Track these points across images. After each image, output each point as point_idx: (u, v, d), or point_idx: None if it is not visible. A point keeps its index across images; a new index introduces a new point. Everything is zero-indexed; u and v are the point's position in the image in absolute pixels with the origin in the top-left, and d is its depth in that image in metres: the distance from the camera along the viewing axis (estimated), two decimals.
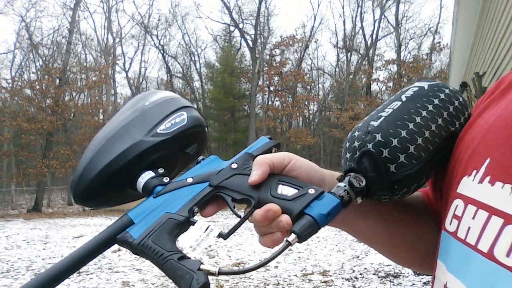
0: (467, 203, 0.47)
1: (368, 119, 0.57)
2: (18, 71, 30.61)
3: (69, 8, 26.88)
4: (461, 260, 0.45)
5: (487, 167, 0.45)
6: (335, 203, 0.51)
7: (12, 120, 20.14)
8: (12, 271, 7.18)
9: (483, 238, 0.42)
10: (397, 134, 0.53)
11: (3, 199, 23.54)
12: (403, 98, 0.58)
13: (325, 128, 32.35)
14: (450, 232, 0.49)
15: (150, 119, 0.59)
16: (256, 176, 0.54)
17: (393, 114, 0.55)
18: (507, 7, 3.67)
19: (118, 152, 0.56)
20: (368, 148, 0.53)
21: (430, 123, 0.54)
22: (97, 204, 0.62)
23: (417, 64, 24.70)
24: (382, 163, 0.52)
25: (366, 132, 0.55)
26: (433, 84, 0.59)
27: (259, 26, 26.41)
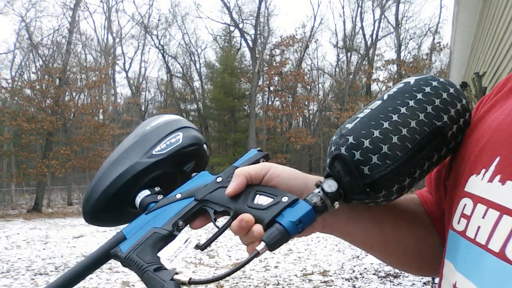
0: (476, 202, 0.46)
1: (346, 121, 0.56)
2: (18, 71, 30.62)
3: (69, 8, 26.88)
4: (471, 260, 0.44)
5: (497, 166, 0.44)
6: (306, 209, 0.51)
7: (12, 120, 20.14)
8: (12, 271, 7.18)
9: (494, 237, 0.41)
10: (369, 135, 0.51)
11: (3, 199, 23.54)
12: (385, 97, 0.56)
13: (325, 128, 32.34)
14: (458, 232, 0.48)
15: (148, 142, 0.63)
16: (231, 188, 0.55)
17: (369, 115, 0.53)
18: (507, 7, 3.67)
19: (117, 174, 0.61)
20: (338, 152, 0.52)
21: (409, 119, 0.51)
22: (104, 222, 0.66)
23: (417, 64, 24.69)
24: (354, 165, 0.51)
25: (341, 135, 0.54)
26: (420, 78, 0.56)
27: (259, 26, 26.41)
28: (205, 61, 33.19)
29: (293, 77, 26.82)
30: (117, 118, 31.35)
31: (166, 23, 32.99)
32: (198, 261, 7.89)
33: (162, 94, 40.96)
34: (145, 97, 40.04)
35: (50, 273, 7.08)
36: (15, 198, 24.01)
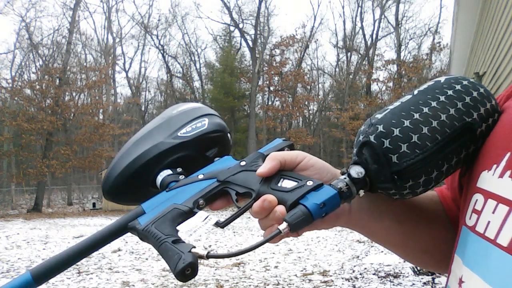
0: (487, 197, 0.46)
1: (376, 112, 0.56)
2: (18, 71, 30.62)
3: (69, 8, 26.90)
4: (479, 254, 0.45)
5: (508, 162, 0.45)
6: (331, 193, 0.51)
7: (12, 120, 20.15)
8: (12, 271, 7.18)
9: (503, 232, 0.42)
10: (399, 124, 0.51)
11: (3, 199, 23.55)
12: (415, 92, 0.56)
13: (325, 128, 32.34)
14: (469, 227, 0.48)
15: (174, 124, 0.65)
16: (264, 169, 0.54)
17: (400, 106, 0.54)
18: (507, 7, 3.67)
19: (140, 152, 0.62)
20: (368, 139, 0.52)
21: (439, 113, 0.52)
22: (123, 200, 0.66)
23: (417, 64, 24.70)
24: (383, 153, 0.51)
25: (370, 124, 0.54)
26: (451, 77, 0.57)
27: (259, 26, 26.41)
28: (205, 61, 33.22)
29: (293, 77, 26.83)
30: (117, 118, 31.36)
31: (166, 23, 33.03)
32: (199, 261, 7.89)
33: (162, 94, 40.97)
34: (145, 97, 40.08)
35: None
36: (15, 198, 24.02)
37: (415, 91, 0.57)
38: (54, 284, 6.32)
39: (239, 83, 27.84)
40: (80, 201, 26.54)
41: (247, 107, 26.91)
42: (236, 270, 7.04)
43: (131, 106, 35.96)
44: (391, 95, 27.07)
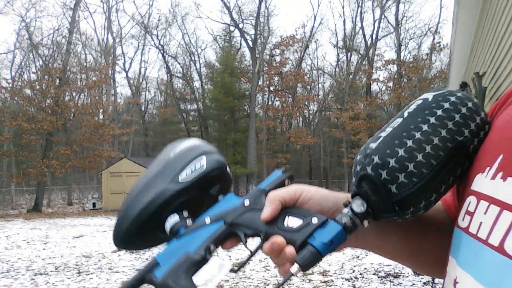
0: (480, 199, 0.47)
1: (369, 140, 0.57)
2: (18, 71, 30.62)
3: (69, 8, 26.89)
4: (472, 255, 0.46)
5: (500, 164, 0.46)
6: (337, 230, 0.52)
7: (12, 120, 20.14)
8: (12, 271, 7.18)
9: (494, 232, 0.43)
10: (394, 154, 0.52)
11: (3, 199, 23.54)
12: (405, 114, 0.57)
13: (325, 128, 32.34)
14: (462, 228, 0.49)
15: (173, 168, 0.66)
16: (267, 214, 0.56)
17: (392, 133, 0.55)
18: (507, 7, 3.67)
19: (147, 202, 0.64)
20: (365, 172, 0.53)
21: (432, 136, 0.53)
22: (135, 247, 0.69)
23: (417, 64, 24.69)
24: (382, 185, 0.52)
25: (365, 155, 0.55)
26: (438, 94, 0.57)
27: (259, 26, 26.40)
28: (205, 61, 33.22)
29: (293, 77, 26.82)
30: (117, 118, 31.35)
31: (166, 23, 33.03)
32: None
33: (162, 94, 40.98)
34: (145, 97, 40.09)
35: (50, 273, 7.08)
36: (15, 198, 24.02)
37: (405, 112, 0.57)
38: (54, 284, 6.32)
39: (239, 83, 27.83)
40: (80, 201, 26.54)
41: (247, 107, 26.90)
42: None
43: (131, 106, 35.96)
44: (391, 95, 27.06)
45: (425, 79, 24.06)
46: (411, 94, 23.94)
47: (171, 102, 35.65)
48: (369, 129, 25.97)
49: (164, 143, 38.57)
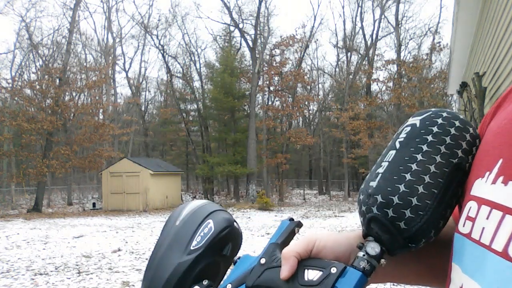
0: (481, 204, 0.47)
1: (368, 178, 0.58)
2: (18, 71, 30.63)
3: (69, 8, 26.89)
4: (476, 261, 0.45)
5: (500, 168, 0.46)
6: (358, 276, 0.53)
7: (12, 120, 20.13)
8: (12, 271, 7.18)
9: (497, 237, 0.42)
10: (396, 191, 0.53)
11: (3, 199, 23.54)
12: (397, 145, 0.58)
13: (325, 128, 32.33)
14: (464, 234, 0.49)
15: (182, 239, 0.66)
16: (285, 273, 0.56)
17: (389, 169, 0.56)
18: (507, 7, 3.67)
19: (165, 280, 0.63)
20: (373, 214, 0.54)
21: (427, 165, 0.54)
22: None
23: (417, 64, 24.67)
24: (390, 223, 0.53)
25: (368, 195, 0.56)
26: (425, 118, 0.58)
27: (259, 26, 26.39)
28: (205, 61, 33.21)
29: (293, 77, 26.81)
30: (117, 118, 31.34)
31: (166, 23, 33.02)
32: None
33: (162, 94, 40.99)
34: (145, 97, 40.09)
35: (50, 273, 7.07)
36: (15, 198, 24.01)
37: (396, 143, 0.58)
38: (54, 284, 6.32)
39: (239, 83, 27.81)
40: (80, 201, 26.53)
41: (247, 107, 26.88)
42: None
43: (131, 106, 35.95)
44: (391, 95, 27.05)
45: (425, 79, 24.04)
46: (411, 94, 23.93)
47: (171, 102, 35.64)
48: (369, 129, 25.96)
49: (164, 143, 38.67)
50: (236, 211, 19.34)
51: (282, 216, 17.17)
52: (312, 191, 34.79)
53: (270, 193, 26.93)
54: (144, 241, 10.53)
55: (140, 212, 19.88)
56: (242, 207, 20.73)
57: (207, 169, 24.68)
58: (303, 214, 17.99)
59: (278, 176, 28.98)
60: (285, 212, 19.03)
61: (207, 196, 26.04)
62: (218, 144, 31.45)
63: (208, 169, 24.70)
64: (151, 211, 19.96)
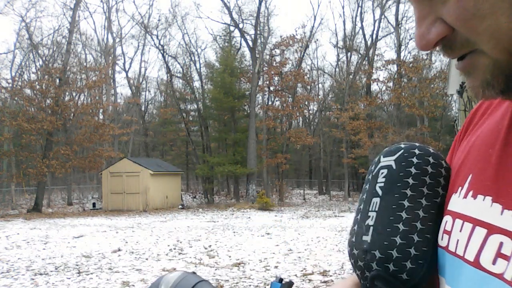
0: (455, 217, 0.50)
1: (358, 231, 0.58)
2: (18, 71, 30.61)
3: (69, 8, 26.88)
4: (454, 272, 0.48)
5: (470, 183, 0.49)
6: None
7: (12, 120, 20.13)
8: (12, 271, 7.18)
9: (469, 248, 0.45)
10: (393, 244, 0.54)
11: (3, 199, 23.54)
12: (379, 192, 0.58)
13: (325, 128, 32.32)
14: (443, 247, 0.52)
15: None
16: None
17: (380, 221, 0.56)
18: None
19: None
20: (376, 273, 0.54)
21: (416, 211, 0.54)
22: None
23: (417, 64, 24.65)
24: (393, 277, 0.53)
25: (364, 251, 0.56)
26: (399, 158, 0.58)
27: (259, 26, 26.37)
28: (205, 61, 33.19)
29: (293, 77, 26.79)
30: (117, 118, 31.33)
31: (166, 23, 33.01)
32: (198, 261, 7.89)
33: (162, 94, 40.97)
34: (145, 97, 40.08)
35: (50, 273, 7.07)
36: (15, 198, 24.00)
37: (377, 189, 0.58)
38: (54, 284, 6.32)
39: (239, 83, 27.80)
40: (80, 201, 26.53)
41: (247, 107, 26.86)
42: (236, 270, 7.04)
43: (131, 106, 35.95)
44: (391, 95, 27.04)
45: (425, 79, 24.03)
46: (411, 94, 23.92)
47: (171, 102, 35.63)
48: (369, 129, 25.96)
49: (164, 143, 38.68)
50: (236, 211, 19.34)
51: (282, 216, 17.17)
52: (312, 191, 34.79)
53: (270, 193, 26.92)
54: (144, 241, 10.53)
55: (140, 212, 19.88)
56: (242, 207, 20.73)
57: (207, 169, 24.68)
58: (303, 214, 17.99)
59: (278, 176, 28.97)
60: (285, 212, 19.03)
61: (207, 196, 26.04)
62: (218, 144, 31.43)
63: (208, 169, 24.69)
64: (151, 211, 19.96)
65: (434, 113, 23.54)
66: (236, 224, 14.39)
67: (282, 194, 25.80)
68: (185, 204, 23.12)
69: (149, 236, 11.44)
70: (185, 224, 14.49)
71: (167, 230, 12.74)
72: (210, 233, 11.91)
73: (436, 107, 23.32)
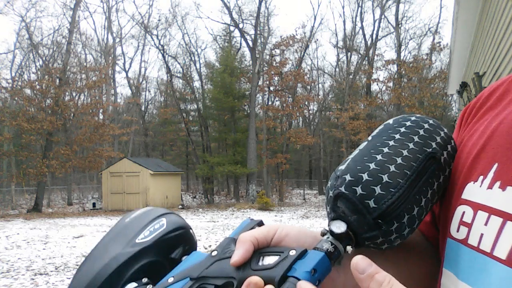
0: (477, 209, 0.46)
1: (338, 166, 0.55)
2: (18, 71, 30.63)
3: (69, 8, 26.88)
4: (476, 268, 0.44)
5: (496, 172, 0.45)
6: (319, 257, 0.46)
7: (12, 120, 20.13)
8: (12, 271, 7.18)
9: (499, 244, 0.41)
10: (366, 168, 0.50)
11: (3, 199, 23.53)
12: (369, 138, 0.56)
13: (325, 128, 32.32)
14: (459, 240, 0.48)
15: (129, 231, 0.59)
16: (237, 256, 0.47)
17: (360, 153, 0.53)
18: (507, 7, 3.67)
19: (98, 270, 0.55)
20: (339, 191, 0.50)
21: (400, 149, 0.51)
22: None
23: (417, 64, 24.66)
24: (359, 201, 0.48)
25: (336, 177, 0.52)
26: (398, 117, 0.57)
27: (259, 26, 26.38)
28: (205, 61, 33.21)
29: (293, 77, 26.80)
30: (117, 118, 31.34)
31: (166, 23, 32.99)
32: None
33: (162, 94, 40.97)
34: (145, 97, 40.09)
35: (50, 273, 7.07)
36: (15, 198, 24.00)
37: (369, 137, 0.56)
38: (54, 284, 6.32)
39: (239, 83, 27.81)
40: (80, 201, 26.53)
41: (247, 107, 26.87)
42: None
43: (131, 106, 35.94)
44: (391, 95, 27.04)
45: (425, 79, 24.03)
46: (411, 94, 23.92)
47: (171, 102, 35.63)
48: (369, 129, 25.96)
49: (164, 143, 38.68)
50: (236, 211, 19.33)
51: (282, 216, 17.17)
52: (312, 191, 34.78)
53: (270, 193, 26.92)
54: None
55: None
56: (242, 207, 20.72)
57: (207, 169, 24.68)
58: (303, 214, 17.98)
59: (278, 176, 28.97)
60: (285, 212, 19.02)
61: (207, 196, 26.04)
62: (218, 144, 31.44)
63: (208, 169, 24.69)
64: None
65: (434, 113, 23.53)
66: (236, 224, 14.39)
67: (282, 194, 25.80)
68: (185, 204, 23.12)
69: None
70: None
71: None
72: (210, 233, 11.91)
73: (436, 107, 23.32)
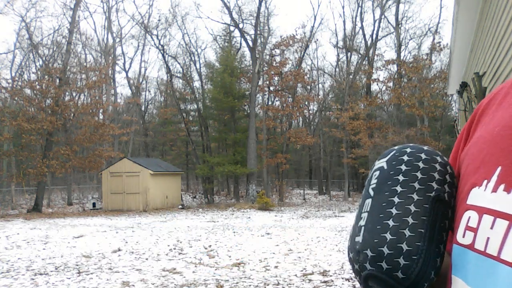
0: (482, 213, 0.45)
1: (352, 234, 0.56)
2: (18, 71, 30.62)
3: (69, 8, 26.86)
4: (483, 273, 0.43)
5: (500, 176, 0.44)
6: None
7: (12, 120, 20.12)
8: (12, 271, 7.18)
9: (506, 247, 0.41)
10: (383, 241, 0.51)
11: (3, 199, 23.51)
12: (371, 192, 0.56)
13: (325, 128, 32.31)
14: (465, 245, 0.47)
15: None
16: None
17: (370, 220, 0.53)
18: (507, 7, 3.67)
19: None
20: (368, 272, 0.52)
21: (407, 206, 0.52)
22: None
23: (417, 64, 24.64)
24: (388, 276, 0.50)
25: (357, 251, 0.53)
26: (391, 158, 0.57)
27: (259, 26, 26.36)
28: (205, 61, 33.19)
29: (293, 77, 26.79)
30: (117, 118, 31.33)
31: (166, 23, 32.97)
32: (198, 261, 7.89)
33: (162, 94, 40.95)
34: (145, 97, 40.08)
35: (50, 273, 7.07)
36: (15, 198, 23.99)
37: (370, 190, 0.56)
38: (54, 284, 6.32)
39: (239, 83, 27.79)
40: (80, 201, 26.52)
41: (247, 107, 26.86)
42: (236, 270, 7.04)
43: (131, 106, 35.93)
44: (391, 95, 27.03)
45: (425, 79, 24.01)
46: (411, 94, 23.91)
47: (171, 102, 35.62)
48: (369, 129, 25.95)
49: (164, 143, 38.68)
50: (236, 211, 19.33)
51: (282, 216, 17.17)
52: (312, 191, 34.78)
53: (270, 193, 26.92)
54: (144, 241, 10.53)
55: (140, 212, 19.88)
56: (242, 207, 20.72)
57: (207, 169, 24.67)
58: (303, 214, 17.98)
59: (278, 176, 28.96)
60: (285, 212, 19.03)
61: (207, 196, 26.04)
62: (218, 144, 31.42)
63: (208, 169, 24.69)
64: (151, 211, 19.96)
65: (434, 113, 23.52)
66: (236, 224, 14.39)
67: (282, 194, 25.80)
68: (185, 204, 23.12)
69: (149, 236, 11.43)
70: (185, 224, 14.48)
71: (167, 230, 12.74)
72: (210, 233, 11.91)
73: (436, 107, 23.30)
